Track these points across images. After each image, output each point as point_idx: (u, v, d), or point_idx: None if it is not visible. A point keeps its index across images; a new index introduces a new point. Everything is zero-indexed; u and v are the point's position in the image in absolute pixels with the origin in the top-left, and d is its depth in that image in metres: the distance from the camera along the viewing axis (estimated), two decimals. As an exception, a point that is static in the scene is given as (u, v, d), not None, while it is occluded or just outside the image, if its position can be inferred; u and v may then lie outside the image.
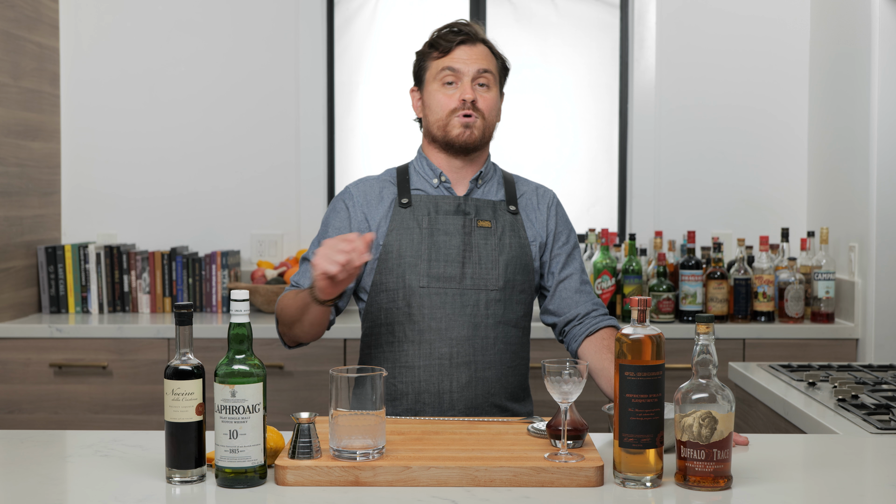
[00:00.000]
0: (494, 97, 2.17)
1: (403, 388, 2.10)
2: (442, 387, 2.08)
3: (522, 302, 2.15)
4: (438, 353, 2.08)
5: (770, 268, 3.53)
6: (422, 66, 2.19)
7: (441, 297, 2.09)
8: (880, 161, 3.26)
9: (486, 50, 2.17)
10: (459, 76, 2.13)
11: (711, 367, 1.58)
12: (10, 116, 3.47)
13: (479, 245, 2.12)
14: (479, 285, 2.10)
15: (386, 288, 2.11)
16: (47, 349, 3.37)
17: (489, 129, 2.17)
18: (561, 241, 2.21)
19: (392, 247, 2.11)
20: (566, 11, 4.01)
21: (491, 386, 2.10)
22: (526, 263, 2.15)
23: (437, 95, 2.14)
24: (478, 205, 2.15)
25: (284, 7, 3.91)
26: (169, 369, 1.59)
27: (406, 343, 2.10)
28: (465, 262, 2.10)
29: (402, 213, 2.13)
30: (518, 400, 2.16)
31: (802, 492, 1.60)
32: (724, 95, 3.89)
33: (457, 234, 2.12)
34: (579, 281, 2.19)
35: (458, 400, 2.08)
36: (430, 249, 2.10)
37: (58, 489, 1.60)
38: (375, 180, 2.21)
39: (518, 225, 2.17)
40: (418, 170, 2.20)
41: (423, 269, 2.09)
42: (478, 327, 2.09)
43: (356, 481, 1.57)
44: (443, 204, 2.14)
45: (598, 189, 4.02)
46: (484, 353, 2.09)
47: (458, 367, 2.08)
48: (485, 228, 2.13)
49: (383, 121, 4.02)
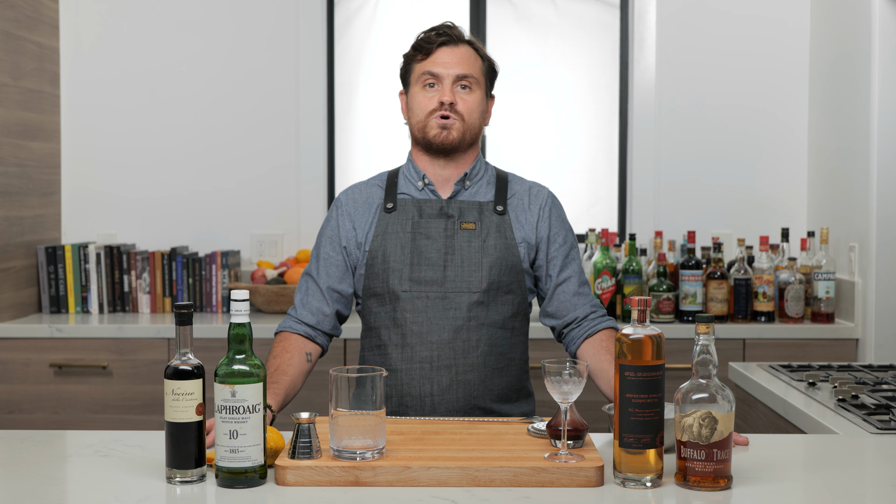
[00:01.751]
0: (476, 99, 2.14)
1: (388, 391, 2.11)
2: (423, 390, 2.09)
3: (510, 303, 2.14)
4: (419, 356, 2.10)
5: (770, 268, 3.53)
6: (406, 69, 2.20)
7: (423, 301, 2.10)
8: (880, 161, 3.26)
9: (470, 51, 2.16)
10: (440, 79, 2.12)
11: (711, 367, 1.58)
12: (10, 116, 3.47)
13: (462, 247, 2.11)
14: (462, 288, 2.10)
15: (374, 293, 2.13)
16: (47, 349, 3.37)
17: (470, 131, 2.15)
18: (557, 244, 2.18)
19: (377, 252, 2.12)
20: (566, 11, 4.01)
21: (473, 389, 2.10)
22: (513, 265, 2.13)
23: (417, 97, 2.15)
24: (462, 207, 2.15)
25: (284, 7, 3.91)
26: (169, 369, 1.59)
27: (390, 347, 2.12)
28: (446, 266, 2.10)
29: (386, 218, 2.14)
30: (509, 401, 2.15)
31: (802, 492, 1.60)
32: (724, 95, 3.89)
33: (439, 237, 2.12)
34: (577, 283, 2.18)
35: (440, 403, 2.09)
36: (413, 254, 2.11)
37: (58, 489, 1.60)
38: (364, 185, 2.23)
39: (505, 226, 2.15)
40: (406, 173, 2.21)
41: (406, 274, 2.10)
42: (459, 330, 2.09)
43: (356, 481, 1.57)
44: (426, 207, 2.15)
45: (598, 189, 4.02)
46: (465, 356, 2.10)
47: (439, 370, 2.09)
48: (468, 231, 2.13)
49: (383, 121, 4.02)
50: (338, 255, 2.16)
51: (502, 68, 2.32)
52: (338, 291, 2.16)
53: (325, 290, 2.15)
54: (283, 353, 2.06)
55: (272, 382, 1.97)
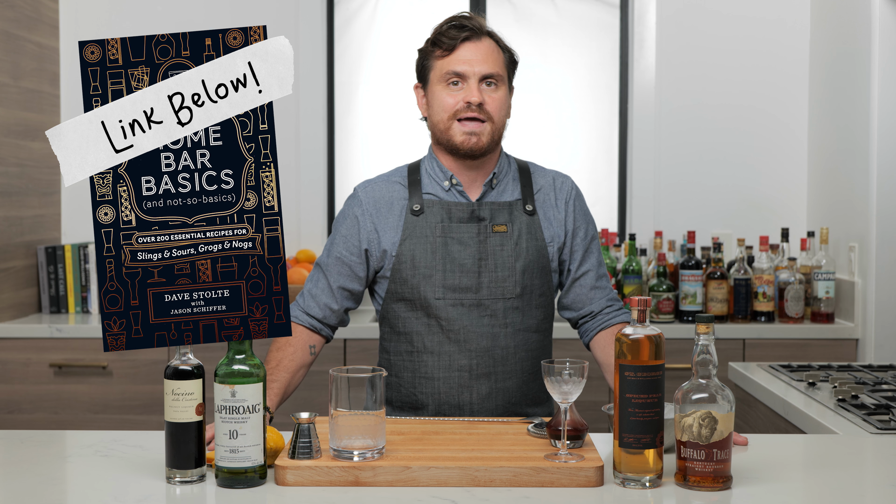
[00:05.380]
0: (503, 96, 2.06)
1: (424, 398, 2.08)
2: (462, 399, 2.06)
3: (542, 306, 2.11)
4: (458, 365, 2.05)
5: (770, 268, 3.53)
6: (425, 64, 2.09)
7: (458, 309, 2.04)
8: (880, 161, 3.26)
9: (493, 45, 2.07)
10: (465, 78, 2.03)
11: (711, 367, 1.58)
12: (10, 116, 3.47)
13: (496, 252, 2.05)
14: (497, 294, 2.05)
15: (402, 297, 2.07)
16: (47, 349, 3.37)
17: (498, 132, 2.06)
18: (579, 237, 2.14)
19: (405, 256, 2.05)
20: (566, 11, 4.01)
21: (512, 395, 2.08)
22: (543, 266, 2.09)
23: (440, 95, 2.04)
24: (493, 209, 2.07)
25: (284, 7, 3.91)
26: (169, 369, 1.59)
27: (425, 354, 2.07)
28: (480, 272, 2.05)
29: (414, 222, 2.06)
30: (539, 403, 2.14)
31: (802, 492, 1.60)
32: (724, 95, 3.89)
33: (471, 242, 2.05)
34: (595, 276, 2.14)
35: (479, 411, 2.06)
36: (445, 260, 2.04)
37: (58, 489, 1.60)
38: (385, 182, 2.12)
39: (535, 226, 2.09)
40: (429, 171, 2.11)
41: (439, 281, 2.04)
42: (496, 337, 2.06)
43: (356, 481, 1.57)
44: (456, 211, 2.07)
45: (598, 189, 4.02)
46: (504, 364, 2.06)
47: (478, 378, 2.06)
48: (500, 234, 2.06)
49: (383, 121, 4.02)
50: (353, 255, 2.08)
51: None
52: (348, 290, 2.10)
53: (335, 289, 2.09)
54: (285, 346, 2.02)
55: (271, 381, 1.96)
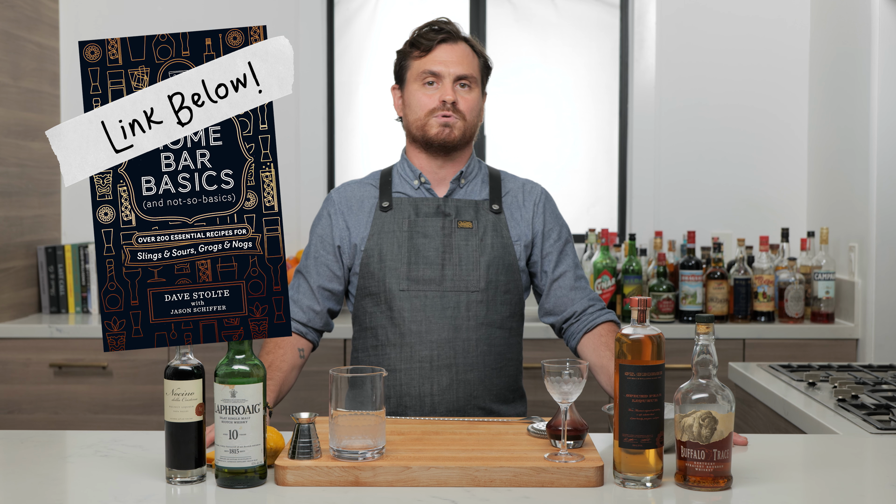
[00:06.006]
0: (475, 98, 2.15)
1: (387, 391, 2.10)
2: (423, 390, 2.09)
3: (508, 302, 2.14)
4: (419, 356, 2.09)
5: (770, 268, 3.53)
6: (402, 64, 2.18)
7: (421, 300, 2.09)
8: (880, 161, 3.26)
9: (468, 49, 2.15)
10: (440, 78, 2.11)
11: (711, 367, 1.58)
12: (10, 116, 3.47)
13: (460, 246, 2.11)
14: (460, 287, 2.10)
15: (369, 292, 2.12)
16: (47, 349, 3.37)
17: (469, 130, 2.15)
18: (552, 239, 2.18)
19: (373, 251, 2.11)
20: (566, 11, 4.01)
21: (473, 388, 2.10)
22: (510, 263, 2.13)
23: (416, 95, 2.13)
24: (458, 205, 2.15)
25: (284, 7, 3.91)
26: (169, 369, 1.59)
27: (388, 346, 2.11)
28: (444, 264, 2.10)
29: (382, 217, 2.13)
30: (506, 402, 2.16)
31: (802, 492, 1.60)
32: (724, 95, 3.89)
33: (436, 235, 2.11)
34: (573, 277, 2.18)
35: (440, 403, 2.09)
36: (410, 252, 2.10)
37: (58, 489, 1.60)
38: (357, 184, 2.21)
39: (501, 224, 2.15)
40: (400, 172, 2.20)
41: (403, 273, 2.09)
42: (459, 329, 2.09)
43: (356, 481, 1.57)
44: (423, 206, 2.14)
45: (598, 189, 4.02)
46: (465, 356, 2.10)
47: (439, 369, 2.09)
48: (465, 229, 2.12)
49: (383, 121, 4.02)
50: (328, 254, 2.15)
51: (502, 68, 2.33)
52: (328, 290, 2.16)
53: (315, 289, 2.15)
54: (275, 349, 2.06)
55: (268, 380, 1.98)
